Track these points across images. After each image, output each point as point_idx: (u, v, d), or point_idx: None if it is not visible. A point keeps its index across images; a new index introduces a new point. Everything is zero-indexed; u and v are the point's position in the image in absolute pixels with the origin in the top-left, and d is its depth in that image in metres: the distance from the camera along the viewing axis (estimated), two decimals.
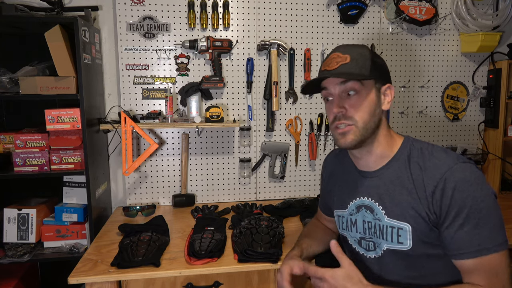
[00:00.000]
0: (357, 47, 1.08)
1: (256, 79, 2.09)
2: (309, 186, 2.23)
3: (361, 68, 1.04)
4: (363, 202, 1.14)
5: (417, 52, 2.24)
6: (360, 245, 1.16)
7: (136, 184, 2.08)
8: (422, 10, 2.11)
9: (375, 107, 1.06)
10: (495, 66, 2.26)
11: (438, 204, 0.98)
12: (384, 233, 1.08)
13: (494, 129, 2.27)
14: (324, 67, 1.08)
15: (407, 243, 1.04)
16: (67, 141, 1.75)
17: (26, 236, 1.81)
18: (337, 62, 1.05)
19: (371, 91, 1.06)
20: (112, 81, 2.04)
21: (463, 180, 0.96)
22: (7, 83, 1.71)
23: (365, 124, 1.05)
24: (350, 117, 1.05)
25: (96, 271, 1.36)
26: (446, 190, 0.97)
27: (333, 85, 1.07)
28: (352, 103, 1.05)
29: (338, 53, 1.07)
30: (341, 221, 1.23)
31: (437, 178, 0.99)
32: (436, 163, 1.01)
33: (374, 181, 1.12)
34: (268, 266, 1.41)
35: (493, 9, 2.24)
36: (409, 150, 1.08)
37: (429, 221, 1.00)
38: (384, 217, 1.08)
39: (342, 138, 1.07)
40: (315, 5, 2.09)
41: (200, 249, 1.45)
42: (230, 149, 2.13)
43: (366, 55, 1.06)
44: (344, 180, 1.24)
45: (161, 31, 1.98)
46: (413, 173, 1.04)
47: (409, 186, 1.04)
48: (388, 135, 1.11)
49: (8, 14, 1.58)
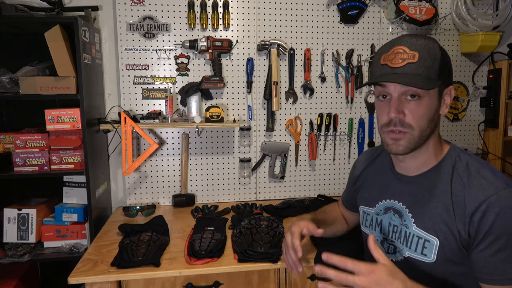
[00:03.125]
0: (427, 41, 0.95)
1: (256, 79, 2.09)
2: (309, 186, 2.23)
3: (429, 70, 0.93)
4: (393, 205, 1.10)
5: None
6: (381, 245, 1.13)
7: (136, 184, 2.08)
8: (422, 10, 2.10)
9: (434, 113, 0.98)
10: (495, 66, 2.25)
11: (475, 225, 0.92)
12: (409, 241, 1.03)
13: (494, 129, 2.27)
14: (384, 61, 0.97)
15: (431, 257, 0.99)
16: (67, 141, 1.75)
17: (26, 236, 1.81)
18: (403, 60, 0.93)
19: (434, 96, 0.97)
20: (112, 81, 2.04)
21: (509, 207, 0.90)
22: (7, 83, 1.71)
23: (421, 132, 0.97)
24: (408, 124, 0.96)
25: (96, 271, 1.36)
26: (488, 214, 0.91)
27: (394, 85, 0.95)
28: (412, 109, 0.95)
29: (404, 47, 0.94)
30: (365, 218, 1.20)
31: (480, 199, 0.92)
32: (483, 184, 0.94)
33: (410, 187, 1.06)
34: (268, 266, 1.41)
35: (493, 9, 2.24)
36: (454, 161, 1.01)
37: (459, 239, 0.95)
38: (413, 225, 1.03)
39: (394, 144, 0.99)
40: (315, 5, 2.09)
41: (200, 249, 1.45)
42: (230, 149, 2.13)
43: (435, 54, 0.94)
44: (377, 179, 1.19)
45: (161, 31, 1.98)
46: (454, 188, 0.97)
47: (447, 201, 0.97)
48: (437, 141, 1.04)
49: (8, 14, 1.58)
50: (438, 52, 0.95)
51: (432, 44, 0.95)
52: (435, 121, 1.00)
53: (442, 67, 0.95)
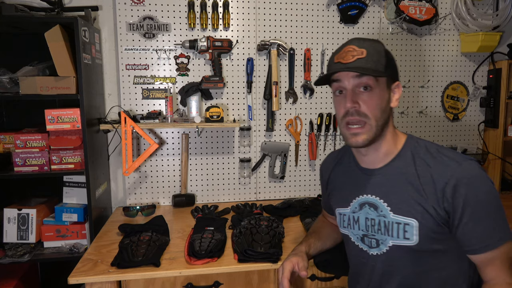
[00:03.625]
0: (372, 41, 1.07)
1: (256, 79, 2.09)
2: (309, 186, 2.23)
3: (377, 64, 1.03)
4: (367, 199, 1.14)
5: (417, 52, 2.24)
6: (363, 242, 1.16)
7: (136, 184, 2.08)
8: (422, 10, 2.10)
9: (386, 104, 1.07)
10: (495, 66, 2.25)
11: (450, 201, 0.99)
12: (390, 230, 1.08)
13: (494, 129, 2.27)
14: (337, 59, 1.06)
15: (413, 239, 1.04)
16: (67, 141, 1.75)
17: (26, 236, 1.81)
18: (353, 56, 1.03)
19: (384, 88, 1.06)
20: (112, 81, 2.04)
21: (475, 177, 0.99)
22: (7, 83, 1.71)
23: (377, 121, 1.04)
24: (363, 113, 1.04)
25: (96, 271, 1.36)
26: (459, 188, 0.98)
27: (347, 79, 1.05)
28: (365, 99, 1.04)
29: (353, 46, 1.05)
30: (342, 219, 1.23)
31: (447, 174, 1.00)
32: (445, 161, 1.03)
33: (378, 179, 1.12)
34: (268, 266, 1.41)
35: (493, 9, 2.24)
36: (414, 147, 1.09)
37: (437, 217, 1.01)
38: (390, 213, 1.08)
39: (354, 137, 1.06)
40: (315, 5, 2.09)
41: (200, 249, 1.45)
42: (230, 149, 2.13)
43: (381, 51, 1.05)
44: (345, 179, 1.24)
45: (161, 31, 1.98)
46: (419, 170, 1.05)
47: (415, 183, 1.04)
48: (393, 132, 1.12)
49: (8, 14, 1.58)
50: (383, 50, 1.06)
51: (378, 44, 1.07)
52: (388, 113, 1.08)
53: (387, 62, 1.05)
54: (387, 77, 1.06)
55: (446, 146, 2.32)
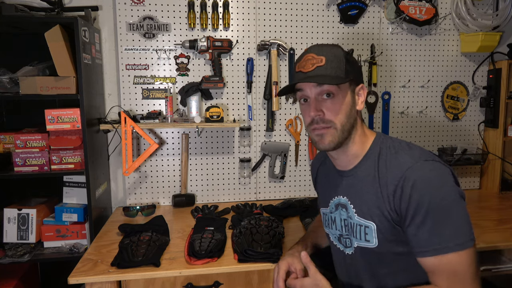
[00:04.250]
0: (331, 47, 1.08)
1: (256, 79, 2.09)
2: (309, 186, 2.23)
3: (336, 70, 1.03)
4: (340, 200, 1.17)
5: (417, 52, 2.24)
6: (340, 241, 1.20)
7: (136, 184, 2.08)
8: (422, 10, 2.10)
9: (351, 108, 1.07)
10: (495, 66, 2.25)
11: (398, 202, 0.99)
12: (354, 231, 1.10)
13: (494, 129, 2.27)
14: (299, 69, 1.08)
15: (373, 241, 1.06)
16: (67, 141, 1.75)
17: (26, 236, 1.81)
18: (312, 64, 1.04)
19: (347, 93, 1.07)
20: (112, 81, 2.05)
21: (421, 178, 0.97)
22: (7, 83, 1.71)
23: (342, 126, 1.06)
24: (328, 120, 1.05)
25: (96, 271, 1.36)
26: (405, 189, 0.97)
27: (309, 88, 1.06)
28: (329, 106, 1.05)
29: (312, 54, 1.06)
30: (324, 218, 1.27)
31: (398, 177, 1.00)
32: (399, 162, 1.02)
33: (350, 180, 1.14)
34: (268, 266, 1.41)
35: (493, 9, 2.24)
36: (379, 148, 1.09)
37: (391, 219, 1.02)
38: (355, 215, 1.10)
39: (320, 141, 1.08)
40: (315, 5, 2.09)
41: (200, 249, 1.45)
42: (230, 149, 2.13)
43: (340, 56, 1.05)
44: (326, 179, 1.28)
45: (161, 31, 1.98)
46: (380, 172, 1.05)
47: (375, 185, 1.05)
48: (362, 134, 1.12)
49: (8, 14, 1.58)
50: (342, 55, 1.06)
51: (336, 49, 1.07)
52: (354, 116, 1.09)
53: (347, 66, 1.05)
54: (349, 82, 1.06)
55: (446, 146, 2.32)
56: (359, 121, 1.12)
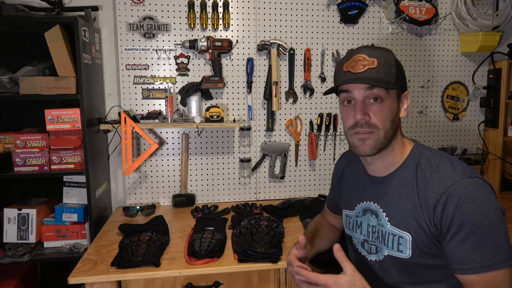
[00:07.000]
0: (382, 50, 1.05)
1: (256, 79, 2.09)
2: (309, 186, 2.23)
3: (387, 75, 1.01)
4: (369, 206, 1.14)
5: (417, 52, 2.24)
6: (363, 247, 1.17)
7: (136, 184, 2.08)
8: (422, 10, 2.10)
9: (395, 115, 1.05)
10: (495, 66, 2.25)
11: (439, 218, 0.97)
12: (386, 240, 1.08)
13: (494, 129, 2.27)
14: (347, 68, 1.03)
15: (406, 252, 1.04)
16: (67, 141, 1.75)
17: (26, 236, 1.81)
18: (364, 66, 1.00)
19: (394, 99, 1.04)
20: (112, 81, 2.05)
21: (467, 196, 0.94)
22: (7, 83, 1.71)
23: (386, 132, 1.03)
24: (374, 125, 1.02)
25: (96, 271, 1.36)
26: (448, 206, 0.95)
27: (358, 90, 1.02)
28: (376, 111, 1.02)
29: (363, 55, 1.02)
30: (348, 221, 1.24)
31: (440, 192, 0.97)
32: (442, 176, 0.99)
33: (382, 187, 1.11)
34: (268, 266, 1.41)
35: (493, 9, 2.24)
36: (418, 158, 1.07)
37: (429, 233, 0.99)
38: (388, 224, 1.07)
39: (362, 145, 1.04)
40: (315, 5, 2.09)
41: (200, 249, 1.45)
42: (230, 149, 2.13)
43: (391, 60, 1.03)
44: (354, 182, 1.24)
45: (161, 31, 1.98)
46: (419, 184, 1.03)
47: (414, 196, 1.02)
48: (401, 142, 1.10)
49: (8, 14, 1.58)
50: (393, 59, 1.04)
51: (388, 53, 1.04)
52: (397, 123, 1.07)
53: (398, 73, 1.03)
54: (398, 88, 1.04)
55: (446, 146, 2.32)
56: (399, 129, 1.10)
